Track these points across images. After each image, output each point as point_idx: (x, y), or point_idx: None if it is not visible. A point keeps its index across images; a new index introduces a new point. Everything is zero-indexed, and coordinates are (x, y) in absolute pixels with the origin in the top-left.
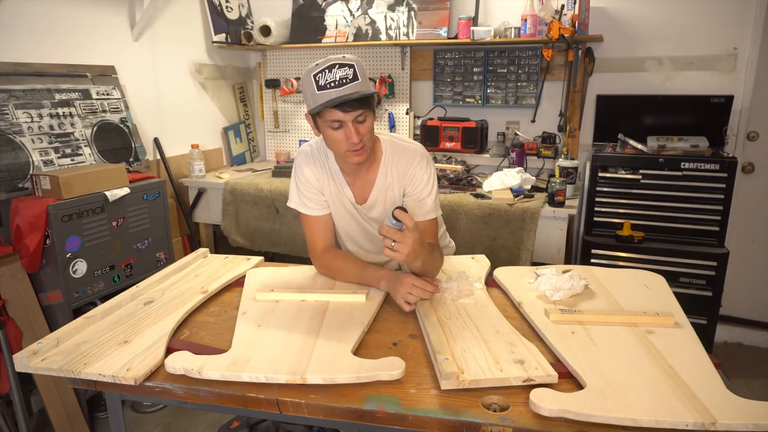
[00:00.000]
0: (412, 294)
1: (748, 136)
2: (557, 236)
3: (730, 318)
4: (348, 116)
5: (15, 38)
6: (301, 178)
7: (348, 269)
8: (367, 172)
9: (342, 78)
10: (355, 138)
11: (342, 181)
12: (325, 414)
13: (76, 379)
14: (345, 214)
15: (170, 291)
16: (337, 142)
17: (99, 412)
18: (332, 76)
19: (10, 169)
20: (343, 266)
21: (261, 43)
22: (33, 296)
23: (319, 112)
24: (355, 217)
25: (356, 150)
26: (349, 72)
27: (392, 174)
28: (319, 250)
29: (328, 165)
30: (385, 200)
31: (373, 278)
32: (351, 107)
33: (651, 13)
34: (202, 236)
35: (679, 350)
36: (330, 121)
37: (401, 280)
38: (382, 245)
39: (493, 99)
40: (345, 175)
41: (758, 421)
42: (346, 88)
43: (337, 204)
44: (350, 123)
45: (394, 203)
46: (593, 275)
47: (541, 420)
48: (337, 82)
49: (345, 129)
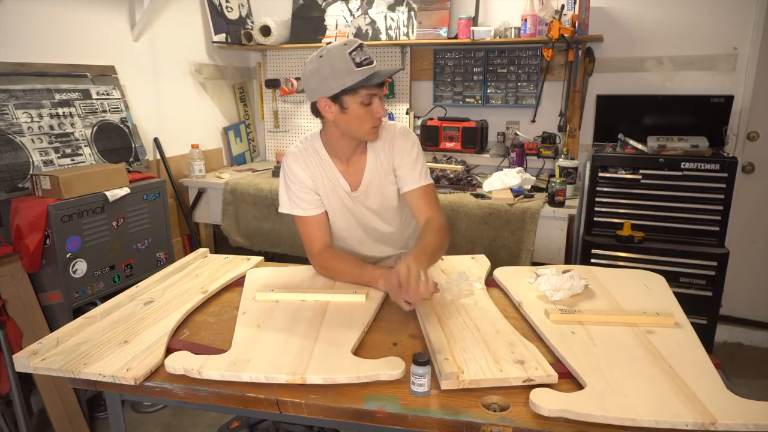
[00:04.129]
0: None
1: (748, 136)
2: (557, 236)
3: (730, 318)
4: (380, 91)
5: (15, 38)
6: (293, 179)
7: (346, 269)
8: (359, 156)
9: (369, 56)
10: (382, 111)
11: (335, 171)
12: (325, 414)
13: (76, 379)
14: (341, 207)
15: (170, 291)
16: (364, 118)
17: (99, 412)
18: (364, 55)
19: (10, 169)
20: (342, 266)
21: (261, 43)
22: (33, 296)
23: (355, 89)
24: (351, 210)
25: (377, 126)
26: (368, 51)
27: (380, 154)
28: (316, 250)
29: (319, 160)
30: (378, 182)
31: (372, 278)
32: (380, 83)
33: (651, 13)
34: (202, 236)
35: (679, 350)
36: (365, 96)
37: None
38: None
39: (493, 99)
40: (338, 164)
41: (758, 421)
42: (375, 66)
43: (333, 198)
44: (378, 98)
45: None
46: (593, 275)
47: (541, 420)
48: (369, 59)
49: (374, 105)
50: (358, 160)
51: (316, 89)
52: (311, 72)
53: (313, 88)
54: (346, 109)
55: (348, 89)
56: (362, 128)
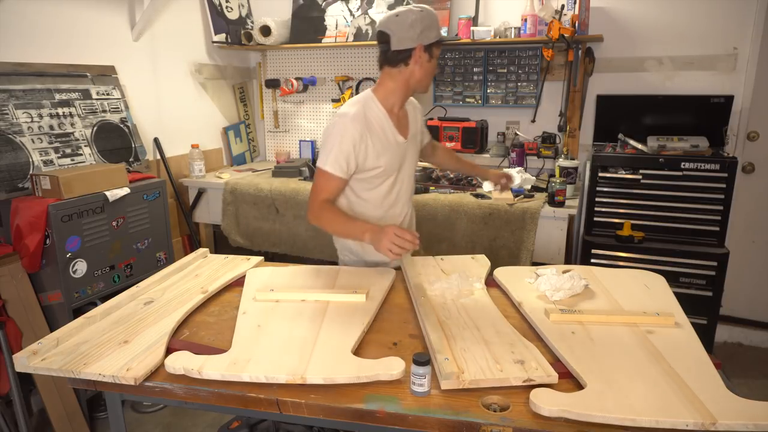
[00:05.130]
0: (396, 244)
1: (748, 136)
2: (557, 236)
3: (730, 318)
4: None
5: (15, 38)
6: (344, 141)
7: (336, 220)
8: (403, 112)
9: None
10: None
11: (391, 124)
12: (325, 414)
13: (76, 379)
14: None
15: (170, 291)
16: (429, 72)
17: (99, 412)
18: None
19: (10, 169)
20: (333, 218)
21: (261, 43)
22: (33, 296)
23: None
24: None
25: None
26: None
27: (413, 112)
28: (319, 201)
29: (375, 116)
30: (417, 135)
31: (359, 230)
32: None
33: (651, 13)
34: (202, 236)
35: (679, 350)
36: (437, 53)
37: (385, 231)
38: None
39: (493, 99)
40: (392, 118)
41: (758, 421)
42: None
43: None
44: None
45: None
46: (593, 275)
47: (541, 420)
48: None
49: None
50: (403, 115)
51: (415, 37)
52: (413, 21)
53: (412, 36)
54: (431, 59)
55: (439, 41)
56: (427, 81)
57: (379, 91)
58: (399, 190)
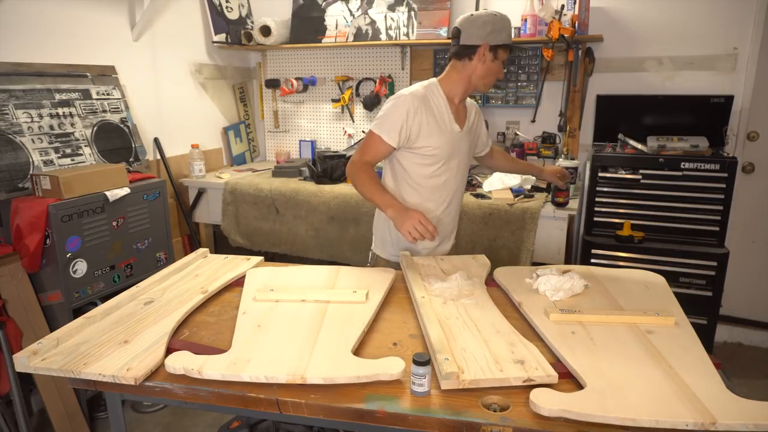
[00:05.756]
0: (417, 230)
1: (748, 136)
2: (557, 236)
3: (730, 318)
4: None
5: (15, 38)
6: (400, 112)
7: (369, 183)
8: (463, 106)
9: None
10: (502, 74)
11: (449, 112)
12: (325, 414)
13: (76, 379)
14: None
15: (170, 291)
16: (493, 72)
17: (99, 412)
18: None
19: (10, 169)
20: (367, 180)
21: (261, 43)
22: (33, 296)
23: (507, 47)
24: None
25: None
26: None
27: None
28: (362, 161)
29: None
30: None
31: (386, 202)
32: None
33: (651, 13)
34: (202, 236)
35: (679, 350)
36: (502, 56)
37: (410, 215)
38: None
39: (493, 99)
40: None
41: (758, 421)
42: None
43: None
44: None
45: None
46: (593, 275)
47: (541, 420)
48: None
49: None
50: (462, 109)
51: (484, 36)
52: (484, 22)
53: (482, 35)
54: (495, 60)
55: (506, 45)
56: (490, 79)
57: (443, 80)
58: (446, 180)
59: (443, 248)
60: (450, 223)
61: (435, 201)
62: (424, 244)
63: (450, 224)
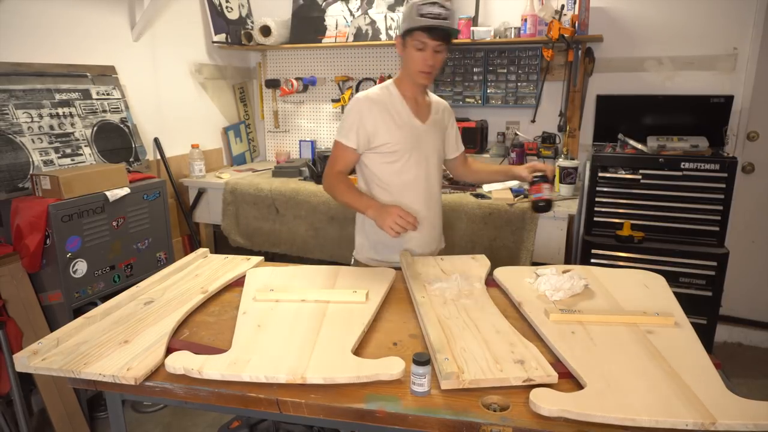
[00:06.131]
0: (398, 223)
1: (748, 136)
2: (557, 236)
3: (730, 318)
4: (432, 43)
5: (15, 38)
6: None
7: (346, 191)
8: (424, 100)
9: (438, 14)
10: (430, 62)
11: (407, 108)
12: (325, 414)
13: (77, 379)
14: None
15: (170, 291)
16: (416, 61)
17: (99, 412)
18: (431, 10)
19: (10, 169)
20: (344, 188)
21: (261, 43)
22: (33, 296)
23: (411, 33)
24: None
25: (427, 72)
26: (443, 12)
27: (439, 110)
28: (334, 171)
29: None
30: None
31: (363, 204)
32: (437, 36)
33: (651, 13)
34: (202, 236)
35: (679, 350)
36: (417, 42)
37: (389, 211)
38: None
39: (493, 99)
40: (408, 102)
41: (758, 421)
42: (438, 22)
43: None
44: (430, 49)
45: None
46: (593, 275)
47: (541, 420)
48: (434, 15)
49: (425, 53)
50: (425, 104)
51: (401, 26)
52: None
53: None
54: (406, 49)
55: (407, 32)
56: (413, 69)
57: (397, 77)
58: (415, 176)
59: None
60: (430, 222)
61: (408, 198)
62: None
63: (430, 223)
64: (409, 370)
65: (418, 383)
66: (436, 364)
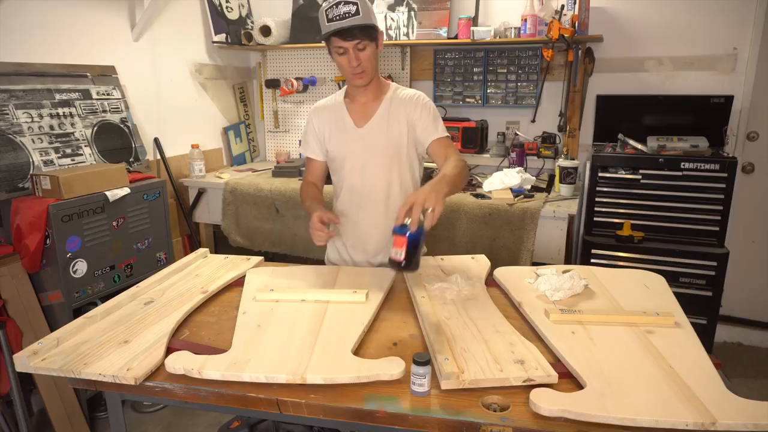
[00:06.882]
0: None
1: (748, 136)
2: (557, 236)
3: (730, 318)
4: (349, 44)
5: (15, 38)
6: (309, 125)
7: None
8: (372, 103)
9: (345, 13)
10: (354, 62)
11: (344, 111)
12: (325, 414)
13: (76, 379)
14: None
15: (170, 291)
16: (343, 66)
17: (99, 412)
18: (338, 11)
19: (10, 169)
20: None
21: (261, 43)
22: (33, 296)
23: (329, 40)
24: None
25: (358, 73)
26: (352, 8)
27: (395, 106)
28: (303, 181)
29: (335, 104)
30: (387, 124)
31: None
32: (351, 36)
33: (651, 13)
34: (202, 236)
35: (679, 350)
36: (335, 47)
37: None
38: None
39: (493, 99)
40: (349, 105)
41: (758, 421)
42: (347, 21)
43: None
44: (351, 50)
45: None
46: (593, 275)
47: (541, 420)
48: (341, 16)
49: (348, 55)
50: (370, 107)
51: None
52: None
53: None
54: (332, 55)
55: (324, 39)
56: (345, 73)
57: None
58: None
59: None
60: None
61: (347, 204)
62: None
63: (372, 233)
64: (409, 370)
65: (418, 383)
66: (436, 364)
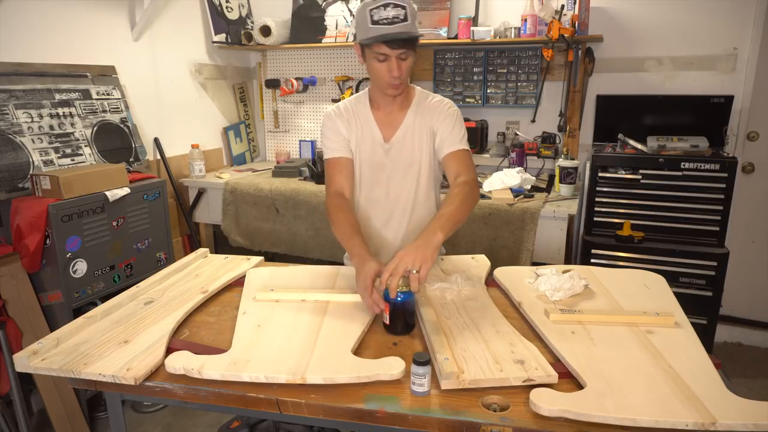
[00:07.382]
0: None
1: (748, 136)
2: (557, 236)
3: (730, 318)
4: (393, 52)
5: (15, 38)
6: (328, 125)
7: (342, 227)
8: (398, 112)
9: (394, 17)
10: (396, 73)
11: (372, 121)
12: (325, 414)
13: (76, 379)
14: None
15: (170, 291)
16: (380, 73)
17: (99, 412)
18: (386, 14)
19: (10, 169)
20: (340, 222)
21: (261, 43)
22: (33, 296)
23: (369, 44)
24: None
25: (395, 84)
26: (401, 12)
27: (421, 116)
28: (330, 194)
29: (359, 110)
30: (412, 138)
31: (350, 250)
32: (397, 45)
33: (651, 13)
34: (202, 236)
35: (679, 350)
36: (377, 54)
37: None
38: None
39: (493, 99)
40: (376, 114)
41: (758, 421)
42: (396, 27)
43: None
44: (394, 58)
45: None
46: (593, 275)
47: (541, 420)
48: (390, 20)
49: (389, 63)
50: (396, 116)
51: (356, 33)
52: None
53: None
54: (367, 60)
55: (363, 43)
56: (379, 82)
57: (370, 87)
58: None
59: None
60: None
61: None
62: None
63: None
64: (409, 370)
65: (418, 383)
66: (436, 364)
